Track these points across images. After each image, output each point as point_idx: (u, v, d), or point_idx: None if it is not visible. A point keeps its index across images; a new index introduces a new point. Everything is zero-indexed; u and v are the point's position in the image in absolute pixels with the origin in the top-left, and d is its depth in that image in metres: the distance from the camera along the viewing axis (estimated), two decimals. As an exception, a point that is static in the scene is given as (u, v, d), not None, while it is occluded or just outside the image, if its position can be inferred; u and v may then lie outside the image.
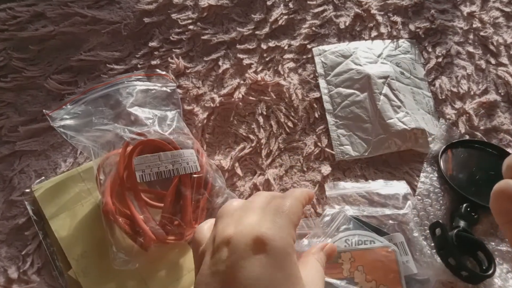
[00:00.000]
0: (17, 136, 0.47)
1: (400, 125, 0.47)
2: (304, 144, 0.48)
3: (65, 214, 0.42)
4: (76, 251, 0.40)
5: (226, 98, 0.50)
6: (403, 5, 0.57)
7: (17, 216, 0.43)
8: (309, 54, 0.54)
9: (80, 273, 0.39)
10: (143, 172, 0.39)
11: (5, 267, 0.41)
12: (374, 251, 0.38)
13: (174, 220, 0.40)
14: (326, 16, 0.56)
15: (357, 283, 0.37)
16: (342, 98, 0.50)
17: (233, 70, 0.52)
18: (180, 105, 0.48)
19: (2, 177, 0.45)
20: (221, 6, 0.56)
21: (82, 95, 0.43)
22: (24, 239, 0.42)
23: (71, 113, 0.42)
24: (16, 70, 0.50)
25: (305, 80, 0.52)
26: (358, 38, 0.55)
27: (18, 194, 0.44)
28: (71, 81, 0.50)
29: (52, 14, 0.53)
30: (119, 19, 0.54)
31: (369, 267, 0.38)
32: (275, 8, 0.56)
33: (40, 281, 0.40)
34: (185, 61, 0.52)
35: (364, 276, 0.38)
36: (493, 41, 0.56)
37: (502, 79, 0.53)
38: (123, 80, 0.45)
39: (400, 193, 0.44)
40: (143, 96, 0.45)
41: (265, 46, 0.54)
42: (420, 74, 0.53)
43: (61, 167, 0.46)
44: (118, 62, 0.52)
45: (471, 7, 0.59)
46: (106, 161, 0.40)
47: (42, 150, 0.47)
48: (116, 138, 0.41)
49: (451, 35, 0.56)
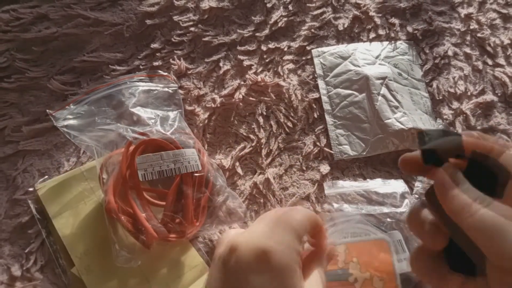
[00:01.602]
0: (21, 136, 0.48)
1: (397, 125, 0.48)
2: (304, 144, 0.49)
3: (68, 212, 0.42)
4: (79, 249, 0.40)
5: (226, 99, 0.51)
6: (401, 7, 0.58)
7: (20, 214, 0.44)
8: (308, 55, 0.55)
9: (83, 270, 0.40)
10: (145, 171, 0.39)
11: (9, 265, 0.41)
12: (369, 243, 0.39)
13: (175, 218, 0.40)
14: (325, 18, 0.57)
15: (351, 274, 0.38)
16: (341, 98, 0.51)
17: (233, 71, 0.53)
18: (182, 105, 0.49)
19: (6, 176, 0.46)
20: (222, 9, 0.56)
21: (85, 95, 0.44)
22: (28, 237, 0.43)
23: (74, 113, 0.42)
24: (20, 71, 0.51)
25: (304, 81, 0.53)
26: (356, 40, 0.56)
27: (21, 193, 0.44)
28: (74, 82, 0.51)
29: (55, 16, 0.53)
30: (121, 21, 0.54)
31: (363, 259, 0.38)
32: (275, 10, 0.57)
33: (43, 279, 0.41)
34: (187, 62, 0.53)
35: (359, 268, 0.38)
36: (490, 42, 0.57)
37: (499, 79, 0.54)
38: (126, 81, 0.46)
39: (398, 192, 0.44)
40: (145, 97, 0.46)
41: (265, 47, 0.54)
42: (418, 75, 0.54)
43: (64, 166, 0.46)
44: (121, 63, 0.52)
45: (468, 9, 0.59)
46: (109, 160, 0.41)
47: (45, 150, 0.47)
48: (118, 137, 0.41)
49: (449, 36, 0.57)
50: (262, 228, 0.26)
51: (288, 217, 0.27)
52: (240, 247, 0.25)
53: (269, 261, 0.23)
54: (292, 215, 0.27)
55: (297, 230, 0.26)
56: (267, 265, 0.23)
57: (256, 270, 0.23)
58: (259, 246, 0.24)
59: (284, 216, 0.27)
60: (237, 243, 0.25)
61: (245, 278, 0.23)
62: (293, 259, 0.24)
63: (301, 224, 0.26)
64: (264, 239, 0.25)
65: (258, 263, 0.23)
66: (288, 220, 0.26)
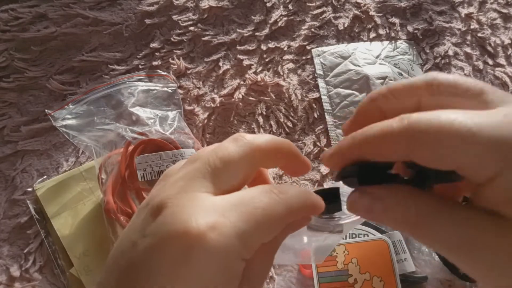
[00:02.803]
0: (20, 135, 0.47)
1: (398, 125, 0.48)
2: (304, 144, 0.49)
3: (67, 213, 0.42)
4: (78, 249, 0.40)
5: (226, 99, 0.50)
6: (401, 6, 0.58)
7: (19, 215, 0.43)
8: (308, 55, 0.54)
9: (82, 271, 0.39)
10: (145, 171, 0.39)
11: (8, 265, 0.41)
12: (368, 243, 0.39)
13: (175, 218, 0.40)
14: (325, 18, 0.57)
15: (351, 275, 0.38)
16: (341, 98, 0.51)
17: (233, 71, 0.53)
18: (181, 105, 0.48)
19: (5, 176, 0.45)
20: (222, 8, 0.56)
21: (84, 95, 0.44)
22: (26, 237, 0.42)
23: (73, 113, 0.42)
24: (18, 71, 0.51)
25: (304, 81, 0.53)
26: (356, 39, 0.56)
27: (20, 193, 0.44)
28: (73, 82, 0.51)
29: (54, 15, 0.53)
30: (120, 20, 0.54)
31: (363, 260, 0.38)
32: (275, 10, 0.57)
33: (42, 279, 0.41)
34: (186, 62, 0.53)
35: (358, 268, 0.38)
36: (491, 42, 0.56)
37: (500, 79, 0.54)
38: (125, 80, 0.46)
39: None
40: (144, 96, 0.46)
41: (265, 47, 0.54)
42: (418, 74, 0.54)
43: (63, 166, 0.46)
44: (120, 62, 0.52)
45: (469, 8, 0.59)
46: (108, 160, 0.40)
47: (44, 150, 0.47)
48: (117, 137, 0.41)
49: (449, 36, 0.57)
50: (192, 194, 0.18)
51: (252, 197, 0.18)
52: (163, 214, 0.17)
53: (195, 243, 0.16)
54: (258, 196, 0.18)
55: (256, 213, 0.17)
56: (191, 245, 0.16)
57: (175, 249, 0.16)
58: (184, 226, 0.16)
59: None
60: (158, 204, 0.17)
61: (155, 256, 0.16)
62: (233, 245, 0.17)
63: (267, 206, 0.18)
64: (196, 214, 0.17)
65: (180, 243, 0.16)
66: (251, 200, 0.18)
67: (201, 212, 0.17)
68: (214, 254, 0.16)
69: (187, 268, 0.16)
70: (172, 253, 0.16)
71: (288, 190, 0.19)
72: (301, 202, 0.19)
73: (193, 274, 0.16)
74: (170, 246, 0.16)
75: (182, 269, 0.16)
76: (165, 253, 0.16)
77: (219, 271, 0.16)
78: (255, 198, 0.18)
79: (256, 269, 0.19)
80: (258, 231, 0.17)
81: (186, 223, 0.16)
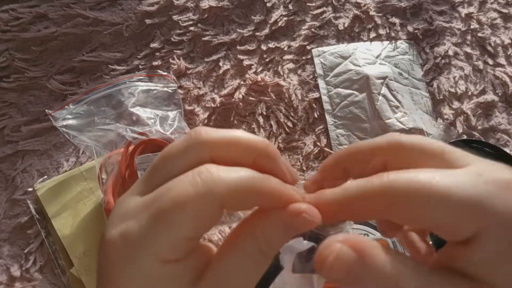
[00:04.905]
0: (20, 135, 0.47)
1: (398, 125, 0.48)
2: (304, 144, 0.49)
3: (67, 212, 0.42)
4: (78, 249, 0.40)
5: (226, 99, 0.50)
6: (401, 6, 0.58)
7: (19, 215, 0.43)
8: (308, 55, 0.54)
9: (82, 271, 0.39)
10: (145, 171, 0.39)
11: (8, 265, 0.41)
12: None
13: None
14: (325, 18, 0.57)
15: None
16: (341, 98, 0.51)
17: (233, 71, 0.53)
18: (181, 105, 0.48)
19: (5, 176, 0.46)
20: (222, 8, 0.56)
21: (84, 95, 0.44)
22: (27, 237, 0.42)
23: (74, 113, 0.42)
24: (19, 71, 0.51)
25: (304, 81, 0.53)
26: (357, 39, 0.56)
27: (20, 193, 0.44)
28: (73, 82, 0.51)
29: (55, 16, 0.53)
30: (121, 21, 0.54)
31: None
32: (275, 10, 0.57)
33: (42, 279, 0.41)
34: (186, 62, 0.53)
35: None
36: (491, 42, 0.56)
37: (500, 79, 0.54)
38: (125, 80, 0.46)
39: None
40: (144, 97, 0.46)
41: (265, 47, 0.54)
42: (418, 74, 0.54)
43: (63, 166, 0.46)
44: (120, 63, 0.52)
45: (469, 8, 0.59)
46: (108, 160, 0.40)
47: (44, 150, 0.47)
48: (118, 137, 0.41)
49: (449, 36, 0.57)
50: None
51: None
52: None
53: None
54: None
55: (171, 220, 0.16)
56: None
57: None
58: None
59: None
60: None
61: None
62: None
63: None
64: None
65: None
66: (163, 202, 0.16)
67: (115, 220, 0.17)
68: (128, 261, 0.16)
69: (120, 272, 0.16)
70: (109, 257, 0.17)
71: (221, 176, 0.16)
72: (239, 189, 0.16)
73: (124, 278, 0.16)
74: (105, 252, 0.17)
75: (115, 271, 0.17)
76: (105, 257, 0.17)
77: (144, 277, 0.16)
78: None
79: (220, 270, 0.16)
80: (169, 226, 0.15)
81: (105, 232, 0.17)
